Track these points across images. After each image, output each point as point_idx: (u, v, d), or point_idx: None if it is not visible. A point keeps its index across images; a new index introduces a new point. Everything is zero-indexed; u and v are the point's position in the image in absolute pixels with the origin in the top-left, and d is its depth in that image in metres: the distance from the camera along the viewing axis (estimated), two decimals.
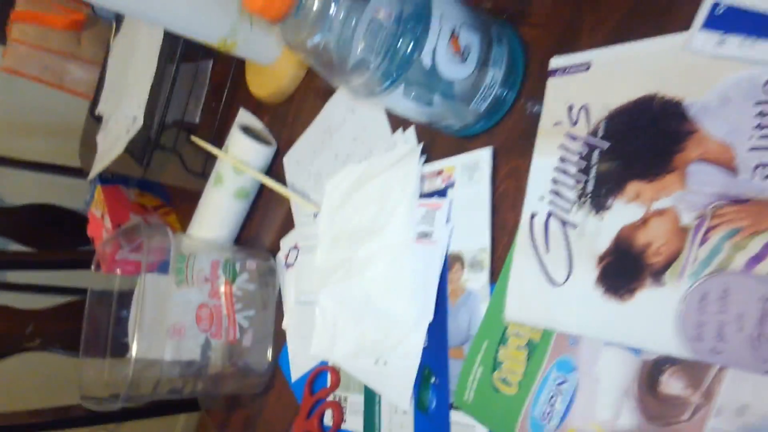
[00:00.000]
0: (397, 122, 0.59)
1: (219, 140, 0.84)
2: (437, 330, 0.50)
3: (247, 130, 0.77)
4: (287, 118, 0.78)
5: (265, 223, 0.77)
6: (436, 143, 0.55)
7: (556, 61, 0.44)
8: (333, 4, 0.40)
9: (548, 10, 0.47)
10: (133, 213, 0.96)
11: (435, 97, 0.45)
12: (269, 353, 0.67)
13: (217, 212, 0.75)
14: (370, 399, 0.55)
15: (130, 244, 0.73)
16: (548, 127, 0.44)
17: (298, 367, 0.64)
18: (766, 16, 0.32)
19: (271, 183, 0.71)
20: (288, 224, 0.72)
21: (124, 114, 0.98)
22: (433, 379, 0.49)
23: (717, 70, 0.35)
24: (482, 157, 0.50)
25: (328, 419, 0.59)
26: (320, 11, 0.40)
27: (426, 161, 0.55)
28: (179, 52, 0.87)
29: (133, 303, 0.72)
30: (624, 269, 0.37)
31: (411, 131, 0.57)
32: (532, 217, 0.44)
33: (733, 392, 0.32)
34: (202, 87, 1.00)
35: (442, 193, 0.52)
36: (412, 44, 0.41)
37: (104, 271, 0.79)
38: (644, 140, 0.38)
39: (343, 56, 0.42)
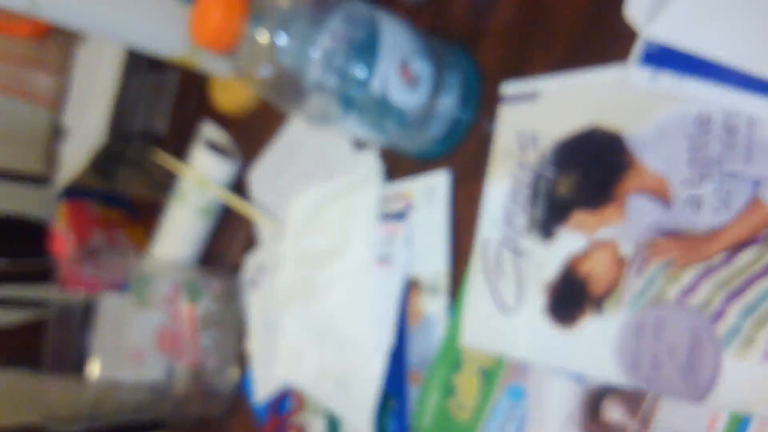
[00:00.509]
0: (359, 143, 0.60)
1: (185, 152, 0.84)
2: (397, 354, 0.50)
3: (211, 145, 0.77)
4: (254, 132, 0.78)
5: (230, 240, 0.77)
6: (397, 164, 0.55)
7: (506, 89, 0.45)
8: (282, 37, 0.41)
9: (501, 37, 0.48)
10: (98, 228, 0.95)
11: (388, 124, 0.46)
12: (233, 375, 0.67)
13: (181, 230, 0.75)
14: (333, 423, 0.55)
15: (92, 262, 0.73)
16: (500, 154, 0.45)
17: (262, 389, 0.64)
18: (693, 56, 0.34)
19: (234, 201, 0.71)
20: (253, 242, 0.72)
21: (88, 125, 0.97)
22: (392, 403, 0.50)
23: (652, 105, 0.36)
24: (440, 181, 0.50)
25: None
26: (269, 43, 0.40)
27: (388, 180, 0.55)
28: (143, 62, 0.86)
29: (95, 322, 0.71)
30: (568, 297, 0.38)
31: (372, 152, 0.58)
32: (486, 243, 0.45)
33: (668, 419, 0.33)
34: (169, 98, 0.99)
35: (401, 215, 0.53)
36: (362, 72, 0.42)
37: (68, 288, 0.79)
38: (587, 171, 0.39)
39: (295, 86, 0.43)
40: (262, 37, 0.40)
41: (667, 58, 0.35)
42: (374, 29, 0.42)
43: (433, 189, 0.51)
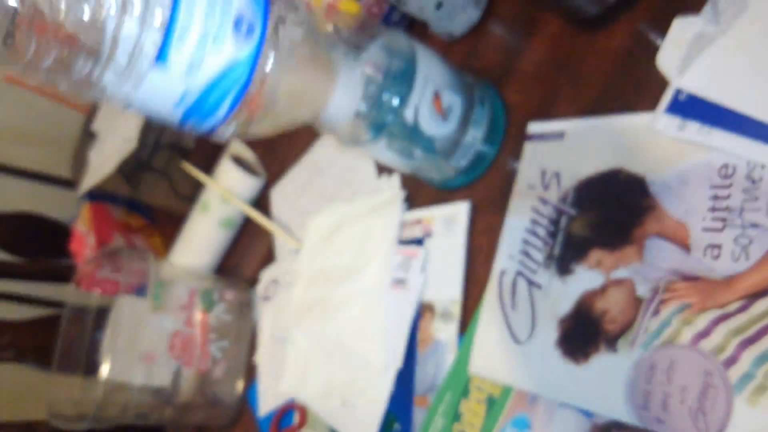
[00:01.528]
0: (384, 167, 0.61)
1: (211, 167, 0.86)
2: (404, 377, 0.51)
3: (238, 160, 0.79)
4: (279, 151, 0.80)
5: (247, 253, 0.78)
6: (419, 192, 0.57)
7: (533, 127, 0.47)
8: None
9: (530, 78, 0.50)
10: (118, 232, 0.96)
11: (416, 151, 0.47)
12: (239, 386, 0.67)
13: (201, 239, 0.77)
14: None
15: (111, 264, 0.74)
16: (522, 189, 0.46)
17: (267, 402, 0.64)
18: (721, 107, 0.35)
19: (255, 215, 0.73)
20: (270, 257, 0.73)
21: (118, 133, 0.99)
22: (396, 426, 0.50)
23: (678, 152, 0.37)
24: (460, 210, 0.52)
25: None
26: None
27: (408, 209, 0.56)
28: None
29: (109, 324, 0.72)
30: (582, 333, 0.39)
31: (396, 178, 0.59)
32: (502, 274, 0.45)
33: None
34: None
35: (419, 241, 0.54)
36: (396, 100, 0.43)
37: (84, 288, 0.80)
38: (608, 211, 0.40)
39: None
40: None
41: (696, 108, 0.36)
42: (411, 59, 0.44)
43: (452, 218, 0.52)
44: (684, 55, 0.37)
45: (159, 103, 0.33)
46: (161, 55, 0.31)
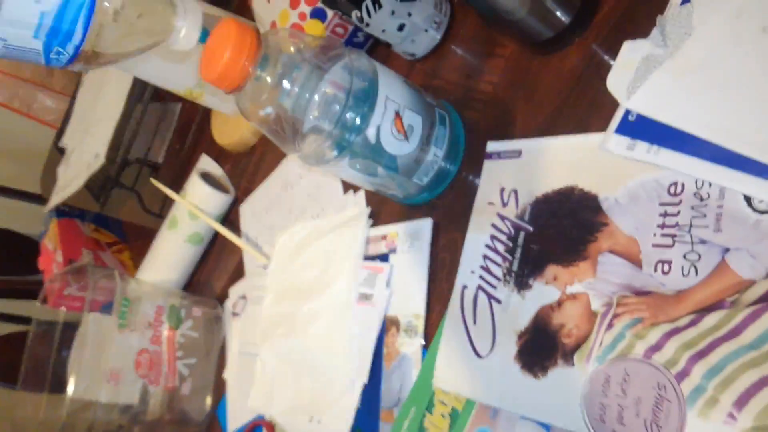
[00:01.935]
0: (350, 184, 0.62)
1: (180, 182, 0.86)
2: (371, 392, 0.51)
3: (206, 177, 0.79)
4: (248, 167, 0.80)
5: (216, 269, 0.78)
6: (383, 208, 0.57)
7: (491, 146, 0.48)
8: (287, 80, 0.43)
9: (489, 98, 0.51)
10: (87, 248, 0.96)
11: (379, 169, 0.48)
12: (208, 402, 0.67)
13: (169, 256, 0.76)
14: None
15: (78, 281, 0.73)
16: (482, 205, 0.47)
17: (236, 418, 0.64)
18: (669, 127, 0.36)
19: (224, 231, 0.73)
20: (239, 273, 0.73)
21: (87, 149, 0.99)
22: None
23: (629, 170, 0.39)
24: (423, 227, 0.52)
25: None
26: (275, 84, 0.42)
27: (373, 224, 0.57)
28: (148, 91, 0.89)
29: (75, 341, 0.71)
30: (540, 347, 0.40)
31: (361, 195, 0.60)
32: (464, 289, 0.46)
33: None
34: (169, 128, 1.01)
35: (384, 257, 0.54)
36: (358, 120, 0.44)
37: (50, 305, 0.79)
38: (563, 228, 0.41)
39: (294, 127, 0.45)
40: (267, 79, 0.42)
41: (644, 129, 0.37)
42: (373, 81, 0.44)
43: (416, 234, 0.53)
44: (633, 78, 0.38)
45: (21, 33, 0.35)
46: None
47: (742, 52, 0.35)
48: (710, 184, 0.35)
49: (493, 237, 0.45)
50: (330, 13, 0.61)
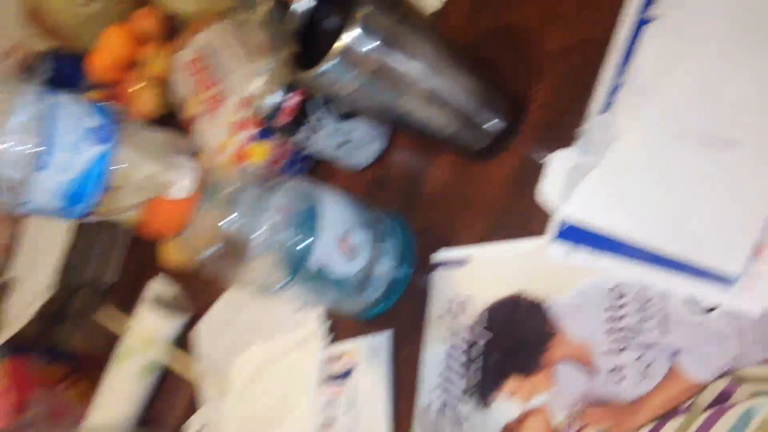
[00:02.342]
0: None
1: (133, 301, 0.82)
2: None
3: (159, 300, 0.77)
4: (204, 284, 0.78)
5: (171, 401, 0.74)
6: (340, 323, 0.56)
7: (437, 256, 0.48)
8: (230, 212, 0.43)
9: (433, 206, 0.52)
10: (39, 387, 0.91)
11: (327, 291, 0.47)
12: None
13: (121, 391, 0.73)
14: None
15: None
16: (434, 319, 0.46)
17: None
18: (602, 235, 0.37)
19: (177, 361, 0.70)
20: (196, 402, 0.70)
21: (36, 277, 0.96)
22: None
23: (572, 275, 0.39)
24: (381, 341, 0.51)
25: None
26: (213, 227, 0.42)
27: (331, 341, 0.56)
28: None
29: None
30: None
31: (314, 312, 0.59)
32: (425, 409, 0.45)
33: None
34: (121, 250, 0.99)
35: (345, 375, 0.53)
36: (302, 248, 0.44)
37: None
38: (517, 337, 0.41)
39: (238, 257, 0.44)
40: (211, 215, 0.42)
41: (581, 235, 0.38)
42: (314, 208, 0.44)
43: (375, 349, 0.52)
44: (564, 186, 0.39)
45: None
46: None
47: (661, 158, 0.36)
48: (652, 287, 0.36)
49: (448, 352, 0.44)
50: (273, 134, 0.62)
